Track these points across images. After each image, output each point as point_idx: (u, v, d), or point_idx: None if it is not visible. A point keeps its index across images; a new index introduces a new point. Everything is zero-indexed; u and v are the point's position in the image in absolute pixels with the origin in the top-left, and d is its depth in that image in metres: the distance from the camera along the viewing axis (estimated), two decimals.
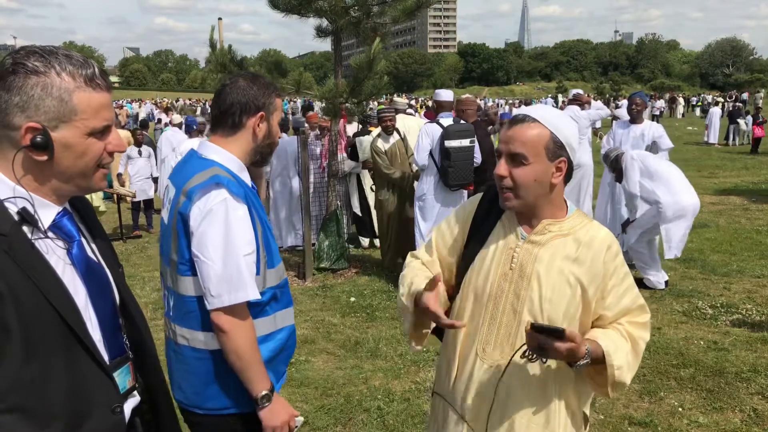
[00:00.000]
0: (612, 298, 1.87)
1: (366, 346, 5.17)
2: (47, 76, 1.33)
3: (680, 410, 4.05)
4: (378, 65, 6.79)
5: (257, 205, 2.08)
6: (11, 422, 1.30)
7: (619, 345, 1.84)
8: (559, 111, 1.90)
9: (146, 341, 1.66)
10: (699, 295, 6.25)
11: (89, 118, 1.38)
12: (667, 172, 6.18)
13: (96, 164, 1.43)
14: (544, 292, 1.84)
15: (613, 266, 1.87)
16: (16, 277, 1.29)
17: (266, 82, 2.15)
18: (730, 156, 19.25)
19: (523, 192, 1.82)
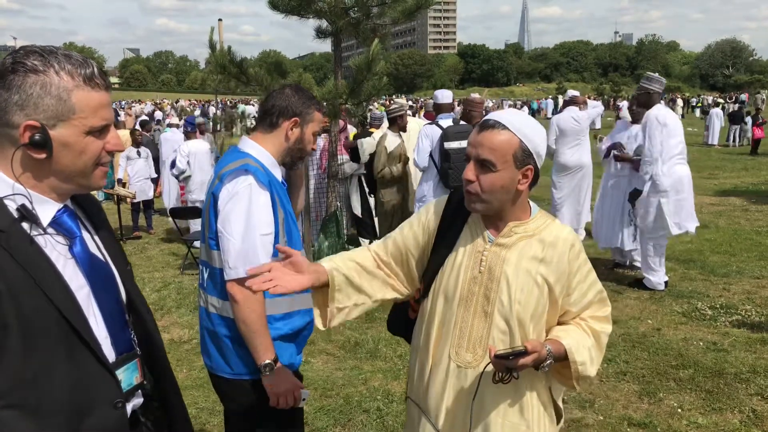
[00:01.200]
0: (577, 295, 1.93)
1: (365, 347, 5.17)
2: (46, 75, 1.34)
3: (679, 411, 4.05)
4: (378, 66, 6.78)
5: (282, 195, 2.33)
6: (11, 418, 1.30)
7: (581, 341, 1.91)
8: (528, 117, 1.91)
9: (154, 337, 1.68)
10: (698, 296, 6.25)
11: (88, 117, 1.39)
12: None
13: (95, 163, 1.44)
14: (513, 294, 1.87)
15: (576, 264, 1.92)
16: (15, 273, 1.30)
17: (309, 95, 2.43)
18: (729, 157, 19.26)
19: (488, 197, 1.85)
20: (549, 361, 1.81)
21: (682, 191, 6.40)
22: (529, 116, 1.93)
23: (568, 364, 1.87)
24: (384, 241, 2.13)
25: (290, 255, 1.83)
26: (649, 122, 6.20)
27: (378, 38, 6.77)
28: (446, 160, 6.26)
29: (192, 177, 8.94)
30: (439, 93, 6.96)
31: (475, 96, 7.71)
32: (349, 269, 1.99)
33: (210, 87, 23.23)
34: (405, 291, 2.11)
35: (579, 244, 1.95)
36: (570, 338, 1.88)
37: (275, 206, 2.26)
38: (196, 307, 6.23)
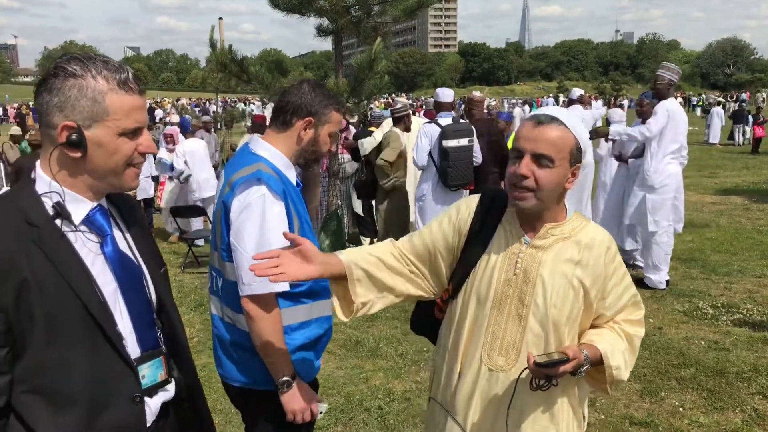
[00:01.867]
0: (612, 298, 1.90)
1: (366, 346, 5.17)
2: (84, 79, 1.42)
3: (681, 410, 4.05)
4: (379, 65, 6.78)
5: (297, 201, 2.23)
6: (33, 402, 1.39)
7: (616, 345, 1.88)
8: (575, 116, 1.88)
9: (181, 338, 1.73)
10: (700, 295, 6.25)
11: (120, 119, 1.45)
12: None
13: (126, 163, 1.50)
14: (548, 297, 1.83)
15: (612, 267, 1.88)
16: (44, 267, 1.37)
17: (328, 93, 2.28)
18: (730, 156, 19.24)
19: (543, 194, 1.80)
20: (586, 366, 1.79)
21: (679, 191, 6.43)
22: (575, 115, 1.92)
23: (602, 368, 1.85)
24: (410, 238, 2.06)
25: (299, 243, 1.79)
26: (660, 109, 6.25)
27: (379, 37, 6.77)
28: (445, 159, 6.24)
29: (192, 176, 8.94)
30: (440, 91, 6.92)
31: (476, 94, 7.71)
32: (369, 263, 1.93)
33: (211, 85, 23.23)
34: (430, 290, 2.04)
35: (614, 246, 1.92)
36: (605, 342, 1.86)
37: (290, 215, 2.16)
38: (196, 306, 6.23)
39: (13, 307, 1.34)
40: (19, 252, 1.36)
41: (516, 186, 1.80)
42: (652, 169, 6.30)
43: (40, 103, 1.44)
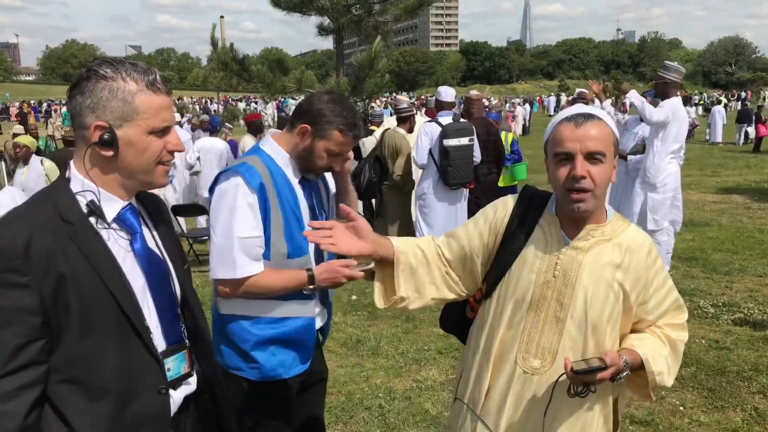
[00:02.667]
0: (654, 303, 1.87)
1: (367, 345, 5.17)
2: (114, 81, 1.49)
3: (681, 409, 4.05)
4: (379, 63, 6.79)
5: (286, 197, 2.27)
6: (67, 392, 1.47)
7: (658, 350, 1.85)
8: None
9: (203, 332, 1.80)
10: (701, 293, 6.24)
11: (150, 118, 1.52)
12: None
13: (156, 161, 1.56)
14: (588, 300, 1.80)
15: (654, 270, 1.85)
16: (79, 262, 1.45)
17: (340, 112, 2.26)
18: (732, 155, 19.23)
19: (599, 192, 1.76)
20: (626, 372, 1.77)
21: (678, 190, 6.43)
22: None
23: (644, 373, 1.82)
24: (447, 237, 2.05)
25: (354, 219, 1.85)
26: (666, 104, 6.23)
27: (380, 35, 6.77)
28: (446, 158, 6.24)
29: (201, 173, 8.97)
30: (442, 90, 6.92)
31: (473, 93, 7.73)
32: (416, 258, 1.94)
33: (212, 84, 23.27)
34: (463, 291, 2.03)
35: (655, 249, 1.89)
36: (646, 347, 1.83)
37: (267, 209, 2.21)
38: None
39: (51, 300, 1.41)
40: (56, 248, 1.43)
41: (572, 189, 1.75)
42: (654, 167, 6.31)
43: (73, 105, 1.51)
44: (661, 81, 6.36)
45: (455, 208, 6.55)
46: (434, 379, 4.52)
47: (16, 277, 1.38)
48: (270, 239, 2.23)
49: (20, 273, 1.38)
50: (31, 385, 1.40)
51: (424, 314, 5.85)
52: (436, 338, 5.26)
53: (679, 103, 6.37)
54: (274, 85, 6.99)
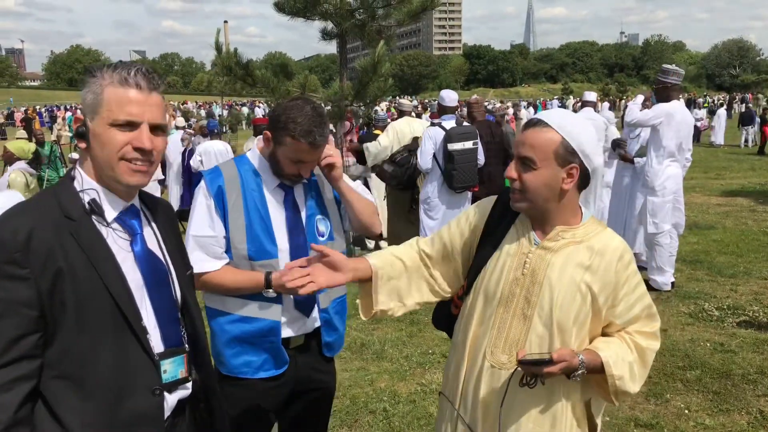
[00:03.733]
0: (622, 307, 1.87)
1: (371, 348, 5.18)
2: (96, 78, 1.55)
3: (686, 412, 4.04)
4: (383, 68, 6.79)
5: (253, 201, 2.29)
6: (59, 388, 1.47)
7: (622, 355, 1.85)
8: (576, 116, 1.88)
9: (201, 339, 1.80)
10: (705, 296, 6.23)
11: (113, 110, 1.53)
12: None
13: (118, 156, 1.55)
14: (555, 299, 1.83)
15: (625, 275, 1.86)
16: (78, 258, 1.47)
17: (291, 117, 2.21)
18: (736, 157, 19.19)
19: (530, 195, 1.83)
20: (581, 371, 1.78)
21: (679, 193, 6.42)
22: (576, 115, 1.90)
23: (606, 376, 1.83)
24: (432, 236, 2.16)
25: (327, 255, 1.92)
26: (656, 108, 6.28)
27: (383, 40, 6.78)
28: (450, 162, 6.24)
29: None
30: (444, 94, 6.93)
31: (474, 97, 7.78)
32: (394, 268, 2.04)
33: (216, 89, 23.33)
34: (447, 290, 2.12)
35: (629, 255, 1.89)
36: (609, 350, 1.84)
37: (224, 211, 2.26)
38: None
39: (48, 294, 1.43)
40: (56, 243, 1.45)
41: (510, 188, 1.88)
42: (652, 171, 6.31)
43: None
44: (661, 85, 6.37)
45: (459, 212, 6.55)
46: (438, 382, 4.52)
47: (15, 269, 1.40)
48: (230, 240, 2.27)
49: (19, 265, 1.40)
50: (23, 379, 1.40)
51: (428, 317, 5.84)
52: (440, 341, 5.25)
53: (679, 106, 6.35)
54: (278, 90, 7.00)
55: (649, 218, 6.36)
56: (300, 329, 2.41)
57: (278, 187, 2.36)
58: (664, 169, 6.27)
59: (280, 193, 2.37)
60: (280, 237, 2.32)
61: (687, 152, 6.44)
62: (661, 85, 6.36)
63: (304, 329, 2.42)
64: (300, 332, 2.41)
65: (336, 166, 2.41)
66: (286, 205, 2.37)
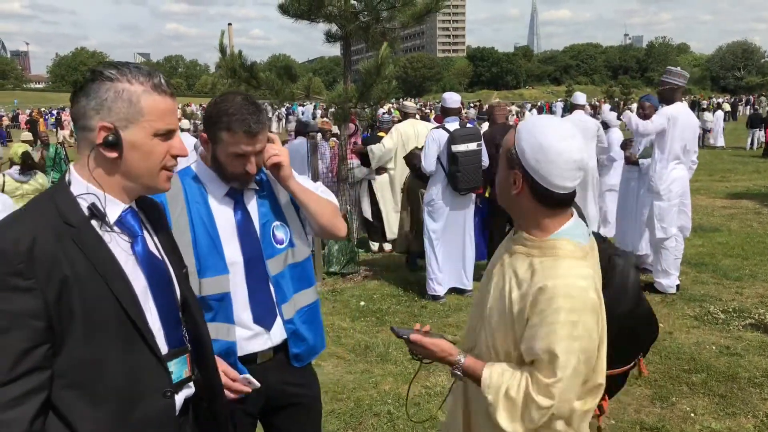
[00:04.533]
0: (527, 334, 1.70)
1: (376, 351, 5.17)
2: (120, 82, 1.49)
3: (692, 416, 4.02)
4: (387, 70, 6.80)
5: (196, 215, 2.16)
6: (70, 397, 1.44)
7: (506, 386, 1.72)
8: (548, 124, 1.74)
9: (204, 336, 1.78)
10: (711, 299, 6.21)
11: (155, 120, 1.51)
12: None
13: (161, 166, 1.56)
14: (492, 295, 1.85)
15: (540, 306, 1.67)
16: (82, 265, 1.44)
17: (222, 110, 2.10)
18: (741, 159, 19.14)
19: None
20: (457, 371, 1.86)
21: (685, 195, 6.40)
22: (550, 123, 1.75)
23: None
24: None
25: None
26: (659, 114, 6.27)
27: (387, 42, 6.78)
28: (454, 164, 6.23)
29: None
30: (447, 96, 6.89)
31: (495, 101, 7.83)
32: None
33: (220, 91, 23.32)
34: None
35: (562, 291, 1.65)
36: (495, 373, 1.75)
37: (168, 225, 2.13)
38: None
39: (55, 304, 1.40)
40: (59, 251, 1.42)
41: None
42: (657, 175, 6.29)
43: (76, 108, 1.50)
44: (666, 87, 6.35)
45: (463, 213, 6.54)
46: (443, 385, 4.51)
47: (19, 280, 1.36)
48: None
49: (24, 276, 1.37)
50: (35, 391, 1.38)
51: (432, 320, 5.84)
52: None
53: (682, 108, 6.35)
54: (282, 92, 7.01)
55: (657, 223, 6.32)
56: (264, 343, 2.26)
57: (226, 196, 2.21)
58: (669, 172, 6.25)
59: (229, 202, 2.22)
60: (230, 250, 2.18)
61: (693, 155, 6.41)
62: (666, 86, 6.35)
63: (270, 343, 2.27)
64: (265, 346, 2.26)
65: (283, 165, 2.25)
66: (236, 214, 2.22)
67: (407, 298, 6.53)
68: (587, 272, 1.71)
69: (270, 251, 2.25)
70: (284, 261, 2.28)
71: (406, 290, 6.79)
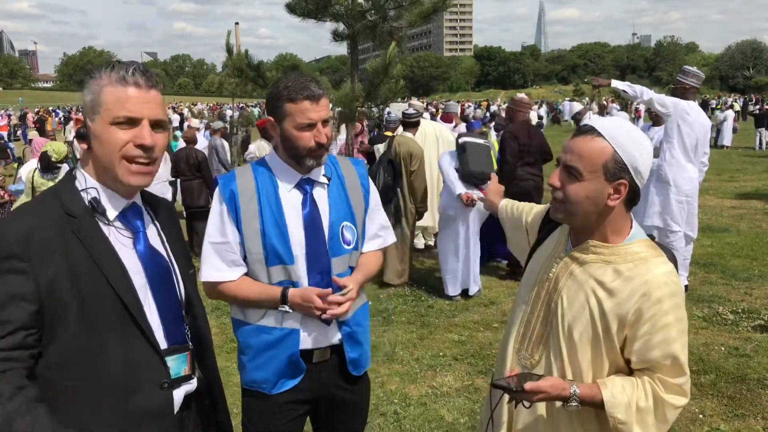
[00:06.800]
0: (639, 345, 1.70)
1: (382, 350, 5.16)
2: (96, 79, 1.56)
3: (701, 417, 3.99)
4: (394, 69, 6.78)
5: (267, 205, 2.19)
6: (68, 385, 1.48)
7: (630, 398, 1.70)
8: (633, 128, 1.73)
9: (206, 338, 1.82)
10: (720, 300, 6.17)
11: (112, 109, 1.53)
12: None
13: (121, 155, 1.55)
14: (565, 310, 1.78)
15: (650, 313, 1.67)
16: (81, 256, 1.48)
17: (280, 87, 2.17)
18: (750, 159, 19.02)
19: (571, 207, 1.73)
20: (575, 403, 1.70)
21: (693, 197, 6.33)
22: (633, 127, 1.74)
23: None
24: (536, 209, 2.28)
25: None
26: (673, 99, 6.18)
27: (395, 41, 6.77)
28: (463, 151, 6.21)
29: None
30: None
31: (518, 95, 7.66)
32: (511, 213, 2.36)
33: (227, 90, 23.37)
34: None
35: (664, 292, 1.68)
36: (616, 389, 1.70)
37: (237, 216, 2.18)
38: (212, 310, 6.24)
39: (47, 290, 1.43)
40: (58, 240, 1.46)
41: (552, 196, 1.79)
42: (667, 164, 6.22)
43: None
44: (680, 86, 6.30)
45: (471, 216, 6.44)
46: (450, 385, 4.50)
47: (14, 262, 1.41)
48: (245, 245, 2.18)
49: (19, 259, 1.41)
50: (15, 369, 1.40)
51: (439, 320, 5.83)
52: (451, 344, 5.23)
53: (693, 107, 6.28)
54: None
55: (660, 212, 6.26)
56: (321, 341, 2.27)
57: (295, 188, 2.24)
58: (679, 167, 6.18)
59: (297, 195, 2.24)
60: (296, 241, 2.20)
61: (704, 156, 6.34)
62: (680, 85, 6.30)
63: (326, 342, 2.27)
64: (322, 345, 2.27)
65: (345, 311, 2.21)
66: (304, 207, 2.23)
67: (413, 298, 6.51)
68: (671, 266, 1.75)
69: (337, 250, 2.25)
70: (348, 262, 2.29)
71: (413, 290, 6.78)
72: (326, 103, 2.20)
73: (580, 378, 1.77)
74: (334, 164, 2.35)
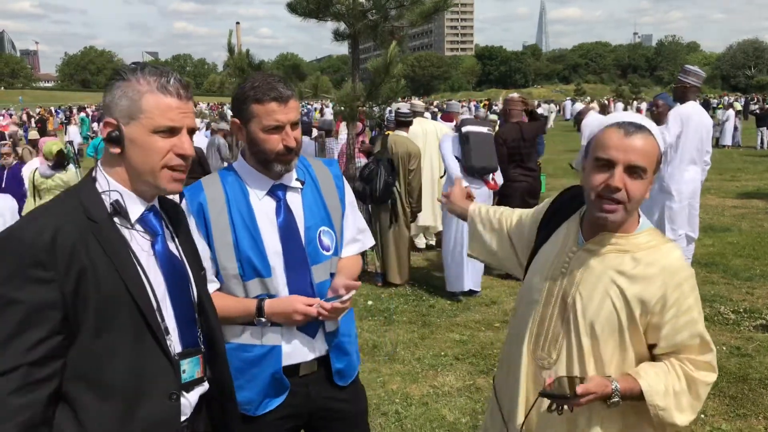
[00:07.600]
0: (668, 330, 1.75)
1: (383, 350, 5.16)
2: (129, 82, 1.54)
3: (702, 417, 3.99)
4: (395, 69, 6.78)
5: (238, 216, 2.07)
6: (77, 389, 1.47)
7: (666, 384, 1.73)
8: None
9: (218, 339, 1.81)
10: (721, 299, 6.16)
11: (153, 117, 1.53)
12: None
13: (162, 164, 1.56)
14: (585, 302, 1.78)
15: (674, 295, 1.72)
16: (101, 259, 1.48)
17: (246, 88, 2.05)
18: (752, 159, 19.00)
19: (632, 207, 1.72)
20: (616, 398, 1.70)
21: (695, 197, 6.33)
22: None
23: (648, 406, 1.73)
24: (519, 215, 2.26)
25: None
26: (671, 116, 6.18)
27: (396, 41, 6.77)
28: (466, 142, 6.20)
29: None
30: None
31: (512, 95, 7.66)
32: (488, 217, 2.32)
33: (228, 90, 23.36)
34: (519, 270, 2.19)
35: (685, 274, 1.76)
36: (650, 377, 1.73)
37: (207, 229, 2.05)
38: None
39: (72, 296, 1.43)
40: (80, 244, 1.46)
41: (605, 197, 1.72)
42: (669, 175, 6.23)
43: (102, 105, 1.60)
44: (681, 85, 6.30)
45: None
46: (451, 385, 4.49)
47: (40, 272, 1.40)
48: (217, 260, 2.05)
49: (44, 268, 1.40)
50: (47, 379, 1.41)
51: (440, 320, 5.83)
52: (452, 344, 5.23)
53: (696, 107, 6.28)
54: None
55: (668, 224, 6.26)
56: (307, 354, 2.16)
57: (268, 195, 2.12)
58: (681, 173, 6.18)
59: (270, 202, 2.13)
60: (272, 252, 2.08)
61: (706, 155, 6.35)
62: (681, 84, 6.30)
63: (312, 354, 2.17)
64: (308, 358, 2.16)
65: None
66: (278, 215, 2.12)
67: (415, 297, 6.51)
68: (680, 250, 1.84)
69: (316, 257, 2.14)
70: (329, 269, 2.18)
71: (414, 289, 6.78)
72: (296, 105, 2.08)
73: (602, 371, 1.76)
74: (306, 167, 2.24)
